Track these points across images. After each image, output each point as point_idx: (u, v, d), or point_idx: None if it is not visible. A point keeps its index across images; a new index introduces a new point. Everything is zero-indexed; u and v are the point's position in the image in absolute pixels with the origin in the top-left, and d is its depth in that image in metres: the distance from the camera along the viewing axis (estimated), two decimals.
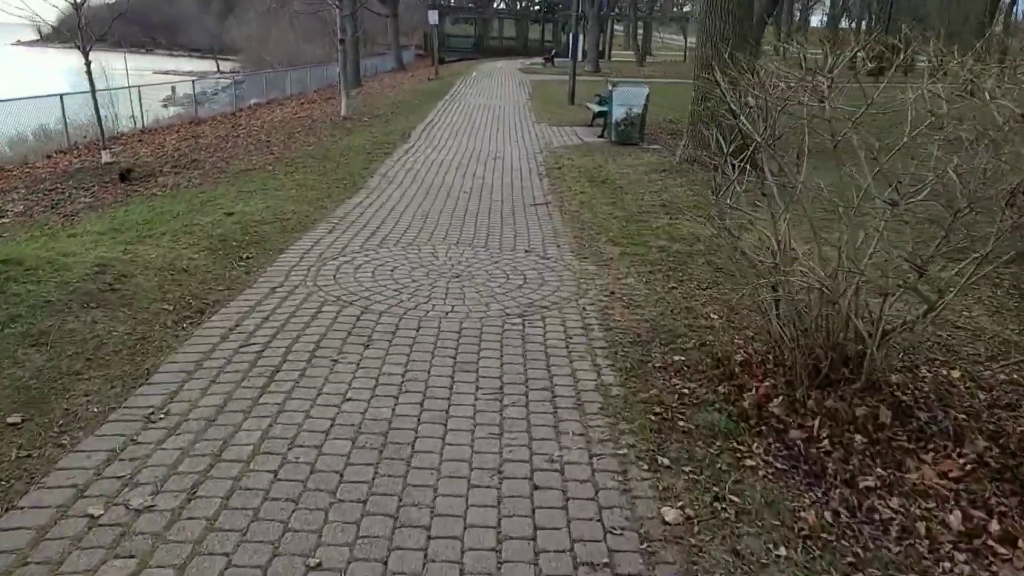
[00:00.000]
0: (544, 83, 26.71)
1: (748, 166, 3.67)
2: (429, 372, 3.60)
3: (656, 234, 6.27)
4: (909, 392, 3.38)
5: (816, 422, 3.09)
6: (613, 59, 50.23)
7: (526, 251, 5.89)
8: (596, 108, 13.86)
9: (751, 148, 3.48)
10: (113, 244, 5.39)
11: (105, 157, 10.74)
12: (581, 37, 18.06)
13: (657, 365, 3.77)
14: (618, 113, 12.21)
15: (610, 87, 12.55)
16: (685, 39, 63.79)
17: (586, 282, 5.09)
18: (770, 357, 3.62)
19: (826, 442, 2.99)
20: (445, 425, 3.10)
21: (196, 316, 4.24)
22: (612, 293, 4.83)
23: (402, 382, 3.49)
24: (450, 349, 3.89)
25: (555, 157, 10.93)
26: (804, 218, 3.41)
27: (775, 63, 3.62)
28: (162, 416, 3.10)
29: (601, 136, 13.24)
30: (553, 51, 41.05)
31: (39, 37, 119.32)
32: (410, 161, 10.27)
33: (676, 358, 3.86)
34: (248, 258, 5.39)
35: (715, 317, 4.45)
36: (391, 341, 3.95)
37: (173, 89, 18.94)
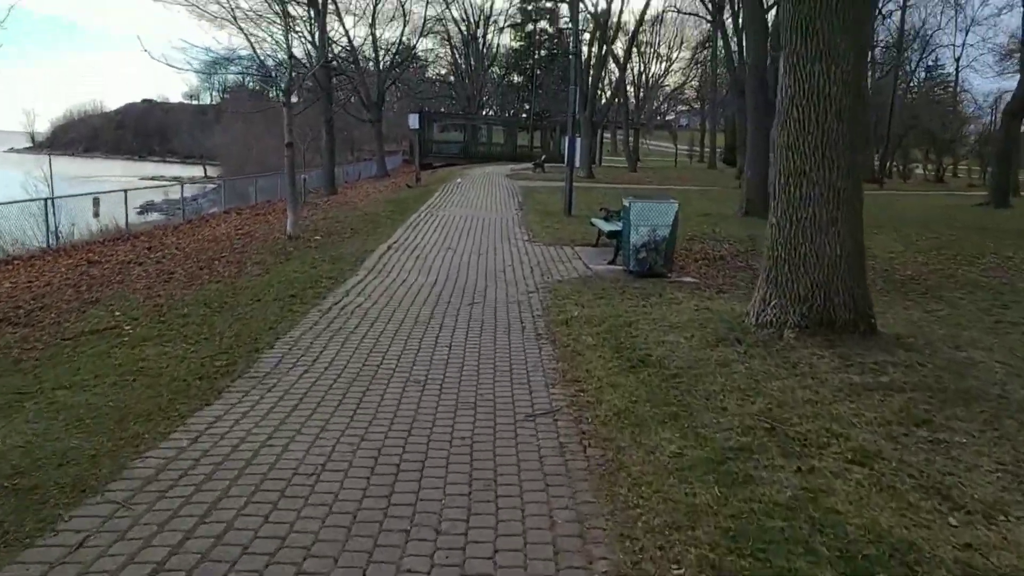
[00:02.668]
0: (535, 191, 24.18)
1: None
2: None
3: (802, 533, 2.87)
4: None
5: None
6: (604, 164, 48.89)
7: None
8: (605, 227, 10.85)
9: None
10: None
11: None
12: (579, 142, 15.45)
13: None
14: (638, 235, 9.15)
15: (626, 202, 9.55)
16: (676, 145, 63.51)
17: None
18: None
19: None
20: None
21: None
22: None
23: None
24: None
25: (558, 300, 7.72)
26: None
27: None
28: None
29: (613, 262, 10.15)
30: (543, 157, 39.28)
31: (32, 144, 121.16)
32: (347, 311, 7.00)
33: None
34: None
35: None
36: None
37: (96, 201, 15.98)
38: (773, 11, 18.72)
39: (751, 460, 3.60)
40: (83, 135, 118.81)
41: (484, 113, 56.69)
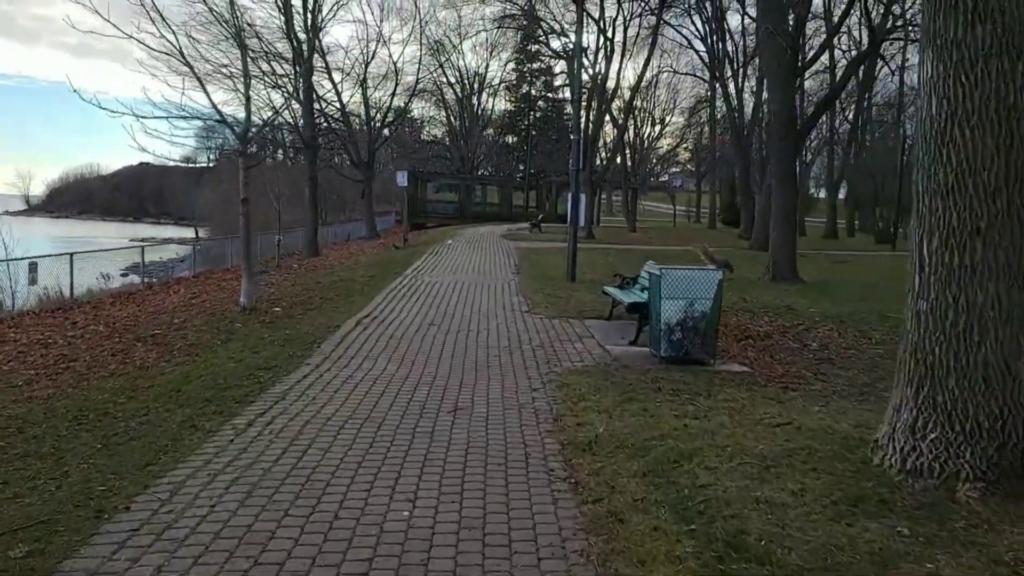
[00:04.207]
0: (533, 252, 22.27)
1: None
2: None
3: None
4: None
5: None
6: (601, 224, 47.49)
7: None
8: (624, 297, 8.85)
9: None
10: None
11: None
12: (583, 198, 13.67)
13: None
14: (671, 311, 7.12)
15: (655, 270, 7.55)
16: (674, 204, 62.48)
17: None
18: None
19: None
20: None
21: None
22: None
23: None
24: None
25: (573, 402, 5.62)
26: None
27: None
28: None
29: (635, 343, 8.10)
30: (540, 216, 37.79)
31: (27, 207, 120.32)
32: (273, 429, 4.87)
33: None
34: None
35: None
36: None
37: (32, 266, 13.95)
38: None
39: None
40: (78, 197, 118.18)
41: (479, 173, 55.68)
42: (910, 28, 26.46)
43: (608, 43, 30.31)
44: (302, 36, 26.07)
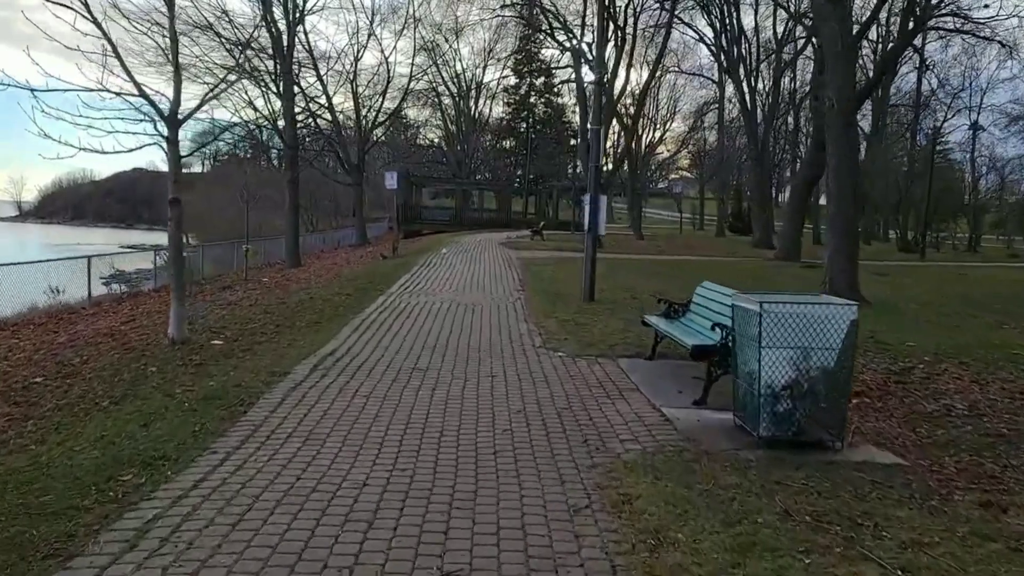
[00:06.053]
0: (536, 263, 19.68)
1: None
2: None
3: None
4: None
5: None
6: (605, 231, 45.05)
7: None
8: (684, 337, 6.34)
9: None
10: None
11: None
12: (603, 200, 11.25)
13: None
14: (776, 367, 4.62)
15: (746, 303, 5.04)
16: (680, 211, 60.12)
17: None
18: None
19: None
20: None
21: None
22: None
23: None
24: None
25: (648, 553, 3.13)
26: None
27: None
28: None
29: (703, 403, 5.63)
30: (541, 223, 35.34)
31: (18, 213, 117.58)
32: None
33: None
34: None
35: None
36: None
37: None
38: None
39: None
40: (71, 203, 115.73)
41: (476, 178, 53.28)
42: (942, 19, 24.27)
43: (619, 32, 27.93)
44: (282, 25, 23.68)
